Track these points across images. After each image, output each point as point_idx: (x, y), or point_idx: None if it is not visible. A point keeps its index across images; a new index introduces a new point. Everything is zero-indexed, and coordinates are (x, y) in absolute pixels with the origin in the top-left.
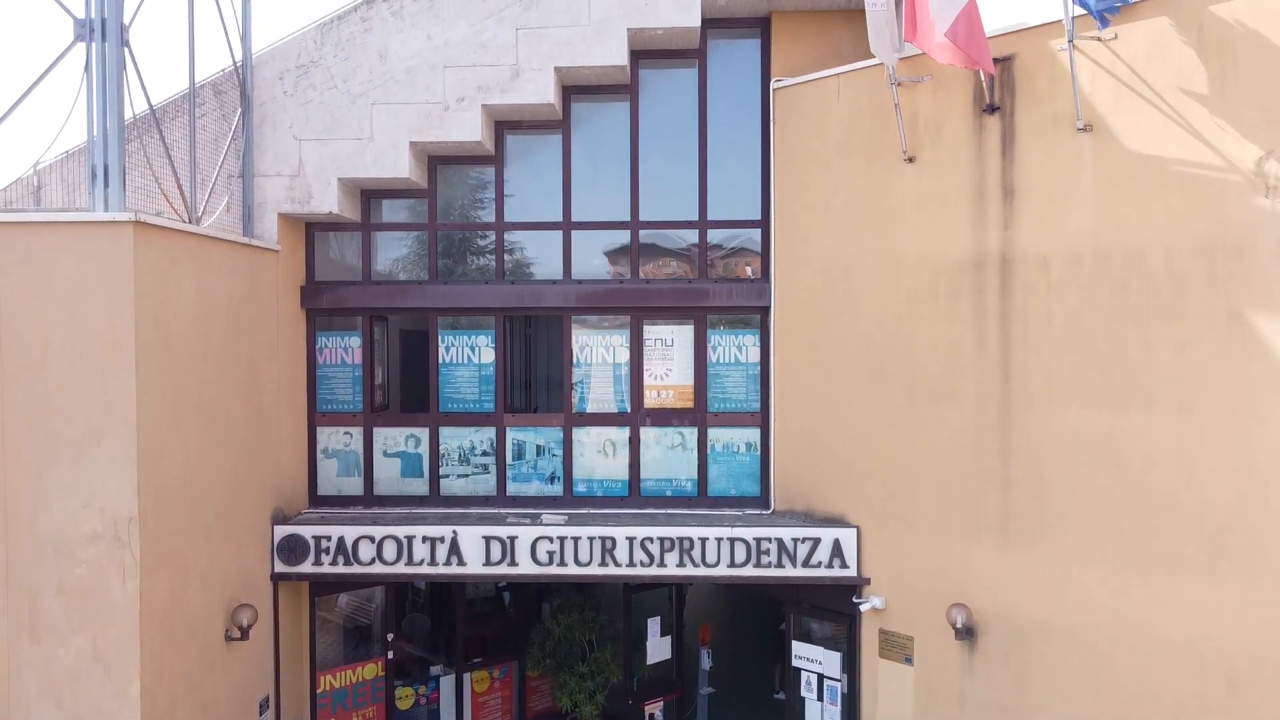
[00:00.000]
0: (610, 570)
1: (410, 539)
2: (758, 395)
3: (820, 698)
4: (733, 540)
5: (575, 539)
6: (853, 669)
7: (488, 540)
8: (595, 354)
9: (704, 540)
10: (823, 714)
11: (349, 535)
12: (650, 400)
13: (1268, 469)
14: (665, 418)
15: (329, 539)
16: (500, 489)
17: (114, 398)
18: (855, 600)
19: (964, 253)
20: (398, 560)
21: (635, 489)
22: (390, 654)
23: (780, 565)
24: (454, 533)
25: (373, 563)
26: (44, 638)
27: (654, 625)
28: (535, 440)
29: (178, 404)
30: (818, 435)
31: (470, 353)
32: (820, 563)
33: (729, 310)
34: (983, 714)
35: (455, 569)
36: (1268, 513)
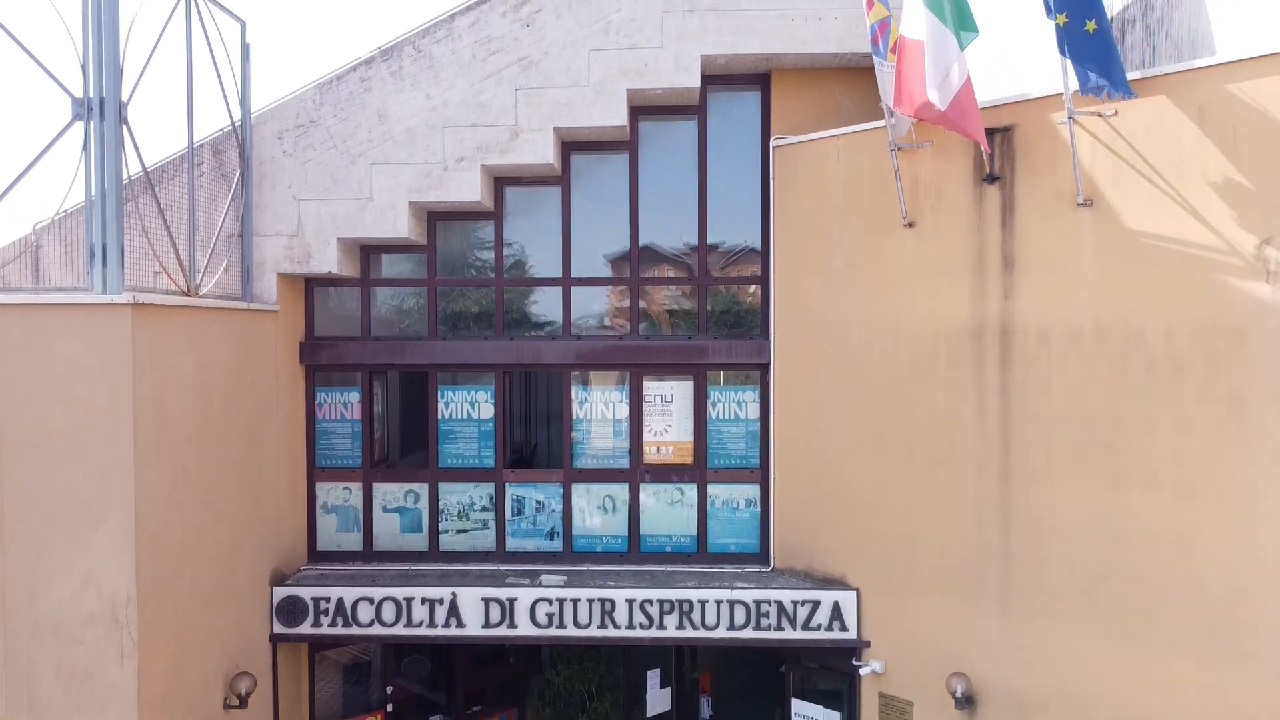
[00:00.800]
0: (610, 633)
1: (409, 600)
2: (757, 451)
3: None
4: (732, 603)
5: (574, 601)
6: None
7: (487, 602)
8: (595, 409)
9: (704, 603)
10: None
11: (348, 596)
12: (650, 456)
13: (1269, 555)
14: (665, 473)
15: (327, 600)
16: (500, 544)
17: (112, 479)
18: (855, 663)
19: (964, 321)
20: (396, 622)
21: (635, 544)
22: (390, 706)
23: (780, 628)
24: (453, 594)
25: (371, 624)
26: (43, 719)
27: (654, 677)
28: (535, 496)
29: (176, 479)
30: (818, 493)
31: (470, 408)
32: (820, 625)
33: (728, 367)
34: None
35: (454, 630)
36: (1269, 598)
